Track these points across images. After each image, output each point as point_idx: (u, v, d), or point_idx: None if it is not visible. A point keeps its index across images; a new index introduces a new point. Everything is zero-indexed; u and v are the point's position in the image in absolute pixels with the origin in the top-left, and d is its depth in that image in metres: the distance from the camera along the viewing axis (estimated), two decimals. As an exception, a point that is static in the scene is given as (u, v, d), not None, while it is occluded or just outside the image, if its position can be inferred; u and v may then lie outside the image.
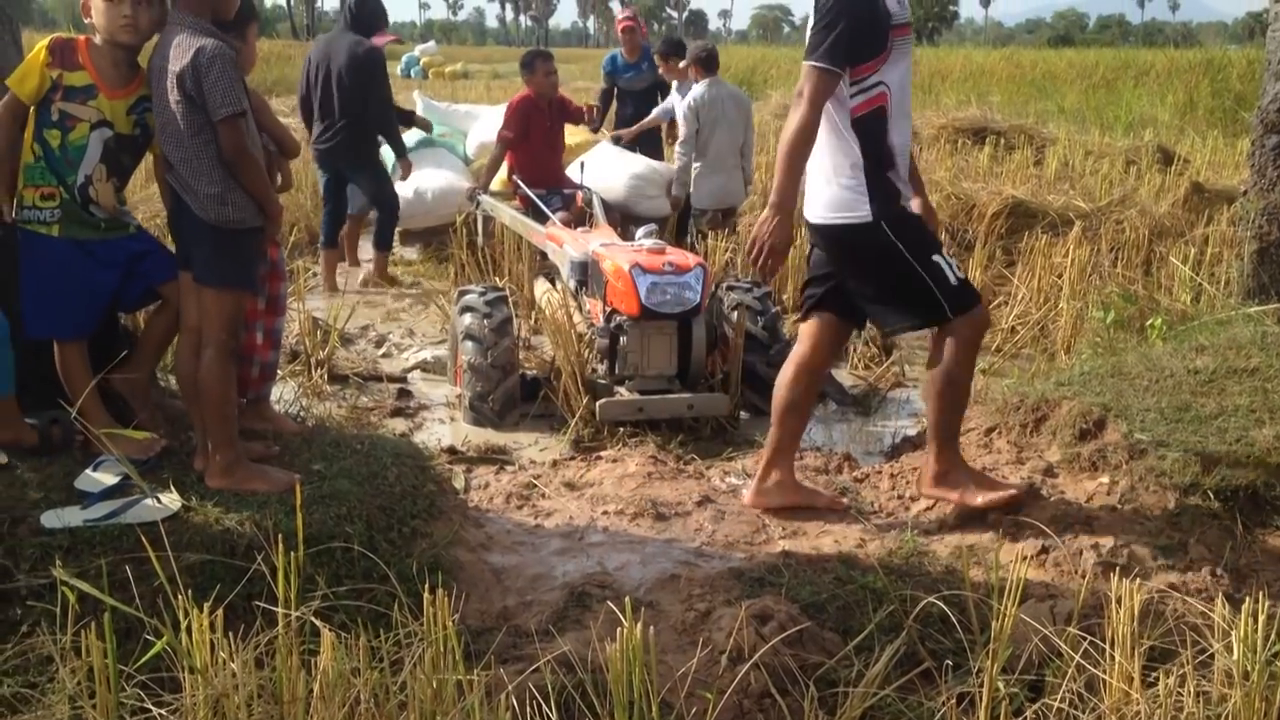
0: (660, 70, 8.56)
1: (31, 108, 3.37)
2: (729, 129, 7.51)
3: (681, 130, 7.59)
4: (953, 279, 3.62)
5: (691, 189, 7.61)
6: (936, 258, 3.63)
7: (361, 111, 7.43)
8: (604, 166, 7.97)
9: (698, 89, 7.54)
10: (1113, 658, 2.50)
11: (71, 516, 3.07)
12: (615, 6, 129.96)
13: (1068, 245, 7.06)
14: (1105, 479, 3.83)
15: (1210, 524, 3.53)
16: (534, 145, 7.43)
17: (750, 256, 3.64)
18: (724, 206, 7.71)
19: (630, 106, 9.18)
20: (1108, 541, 3.46)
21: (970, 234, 8.00)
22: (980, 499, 3.73)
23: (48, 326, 3.49)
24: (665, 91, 9.00)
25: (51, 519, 3.05)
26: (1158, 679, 2.40)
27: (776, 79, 24.07)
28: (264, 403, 4.08)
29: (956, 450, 3.83)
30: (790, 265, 7.22)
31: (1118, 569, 3.24)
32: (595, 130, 9.18)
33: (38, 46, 3.38)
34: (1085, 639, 2.61)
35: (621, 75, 9.19)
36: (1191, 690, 2.34)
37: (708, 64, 7.55)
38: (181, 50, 3.24)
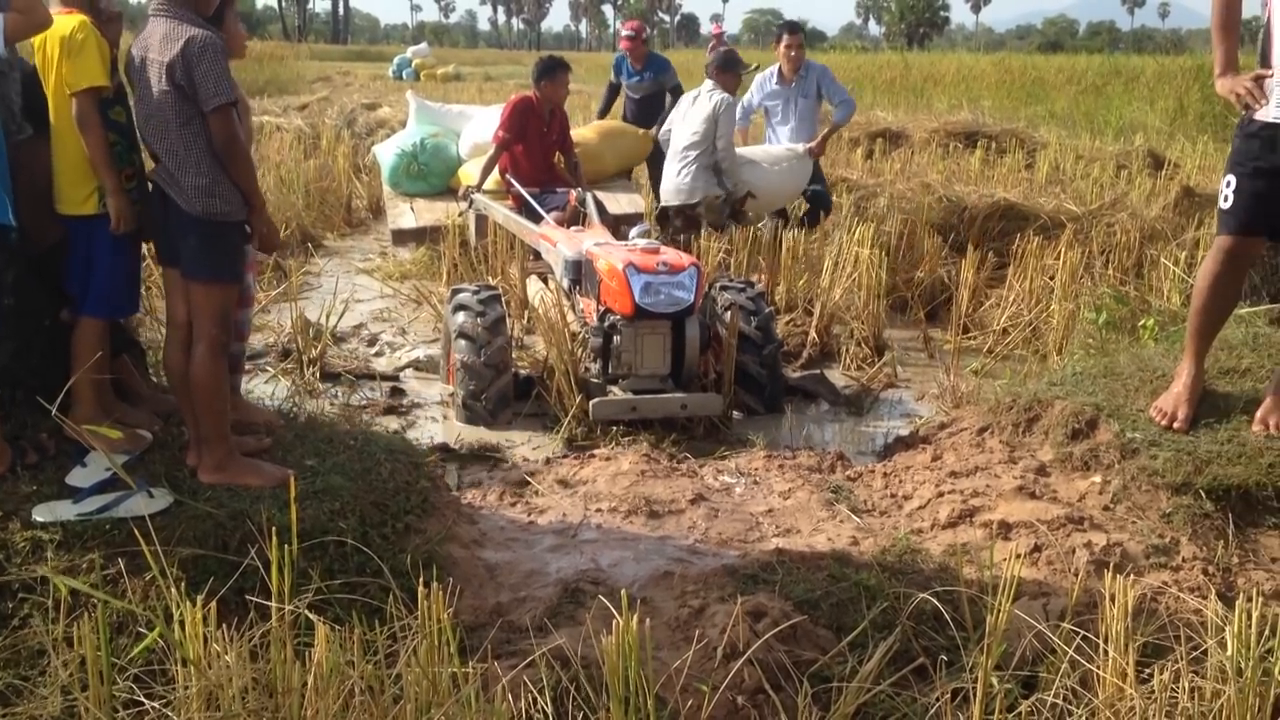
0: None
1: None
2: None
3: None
4: None
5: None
6: None
7: None
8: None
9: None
10: (1106, 653, 2.51)
11: (63, 510, 3.05)
12: (607, 10, 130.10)
13: (1059, 248, 7.08)
14: (1097, 478, 3.84)
15: (1202, 523, 3.54)
16: (529, 145, 7.42)
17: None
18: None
19: (634, 107, 9.52)
20: (1100, 540, 3.47)
21: (962, 236, 8.02)
22: None
23: (125, 305, 3.58)
24: (663, 98, 9.25)
25: (43, 512, 3.03)
26: (1151, 675, 2.40)
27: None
28: (234, 393, 4.04)
29: None
30: (783, 265, 7.23)
31: (1110, 567, 3.24)
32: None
33: (82, 25, 3.29)
34: (1078, 635, 2.62)
35: (626, 80, 9.55)
36: (1186, 686, 2.34)
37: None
38: (170, 41, 3.22)
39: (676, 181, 7.44)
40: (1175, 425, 3.88)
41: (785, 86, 8.23)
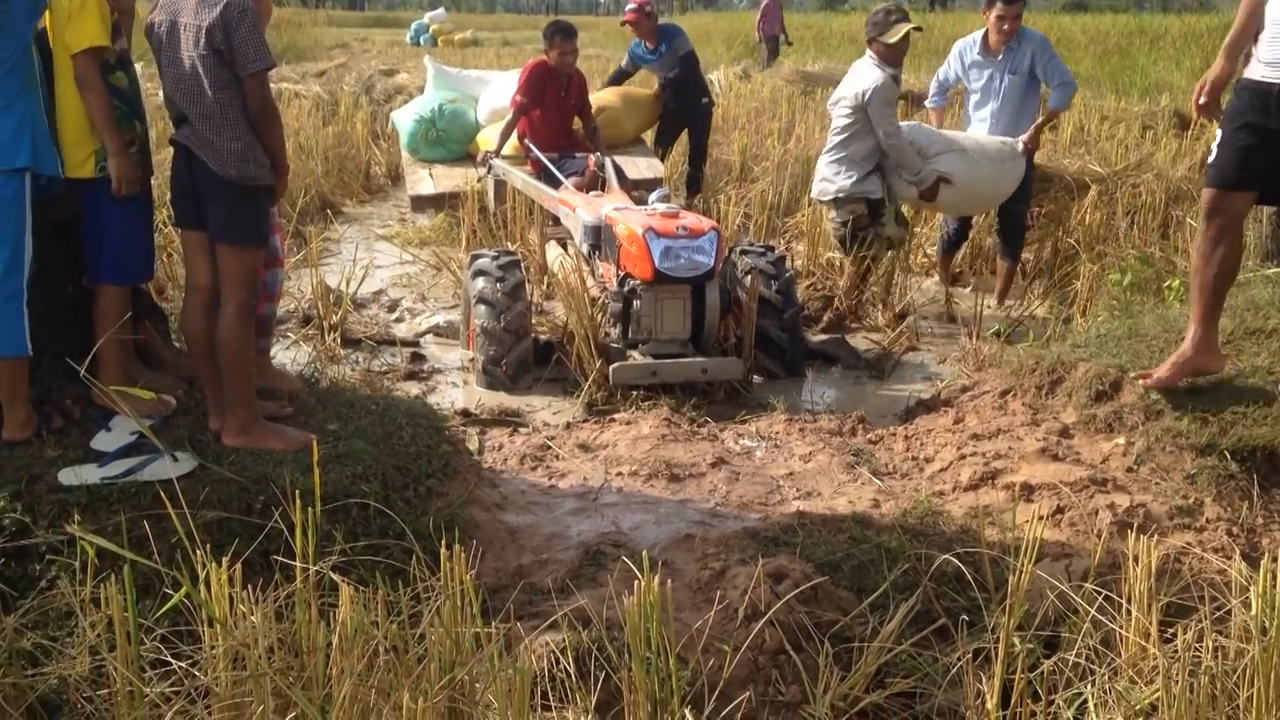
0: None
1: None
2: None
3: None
4: None
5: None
6: None
7: None
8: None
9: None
10: (1129, 613, 2.50)
11: (89, 474, 3.09)
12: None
13: (1084, 209, 7.00)
14: (1121, 440, 3.82)
15: (1227, 484, 3.52)
16: (547, 110, 7.38)
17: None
18: None
19: (668, 90, 8.80)
20: (1124, 501, 3.46)
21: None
22: None
23: (138, 271, 3.58)
24: (697, 73, 8.87)
25: (69, 476, 3.07)
26: (1175, 635, 2.39)
27: (788, 48, 23.83)
28: (263, 356, 4.04)
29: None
30: (806, 232, 7.19)
31: (1134, 528, 3.23)
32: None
33: None
34: (1101, 595, 2.61)
35: (646, 63, 9.07)
36: (1209, 645, 2.33)
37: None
38: (207, 5, 3.23)
39: (820, 173, 6.32)
40: (1146, 382, 3.89)
41: (989, 59, 6.46)
